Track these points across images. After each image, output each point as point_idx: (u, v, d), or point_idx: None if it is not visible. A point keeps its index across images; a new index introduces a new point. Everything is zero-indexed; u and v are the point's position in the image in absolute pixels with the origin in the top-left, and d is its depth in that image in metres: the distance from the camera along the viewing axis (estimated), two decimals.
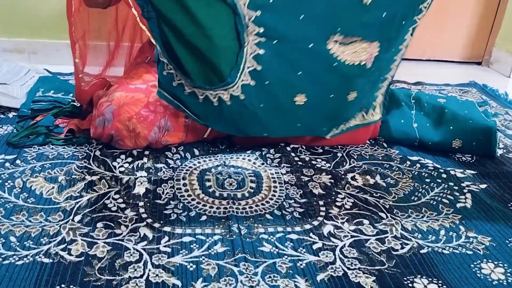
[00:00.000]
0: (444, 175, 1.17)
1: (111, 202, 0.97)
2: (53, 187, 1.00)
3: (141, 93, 1.14)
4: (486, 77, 2.12)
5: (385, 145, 1.32)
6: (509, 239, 0.95)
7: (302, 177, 1.12)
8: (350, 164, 1.21)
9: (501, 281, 0.83)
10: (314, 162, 1.20)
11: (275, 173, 1.13)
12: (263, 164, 1.17)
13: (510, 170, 1.22)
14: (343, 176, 1.14)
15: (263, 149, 1.24)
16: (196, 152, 1.20)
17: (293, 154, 1.23)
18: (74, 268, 0.78)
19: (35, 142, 1.17)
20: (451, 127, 1.28)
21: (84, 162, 1.11)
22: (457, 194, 1.10)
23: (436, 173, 1.18)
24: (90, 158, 1.13)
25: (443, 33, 2.28)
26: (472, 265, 0.87)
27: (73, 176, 1.05)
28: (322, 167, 1.18)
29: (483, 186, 1.14)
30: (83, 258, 0.81)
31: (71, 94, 1.39)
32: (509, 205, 1.07)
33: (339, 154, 1.25)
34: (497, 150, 1.29)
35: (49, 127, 1.20)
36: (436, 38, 2.28)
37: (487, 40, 2.31)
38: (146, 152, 1.17)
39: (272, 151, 1.23)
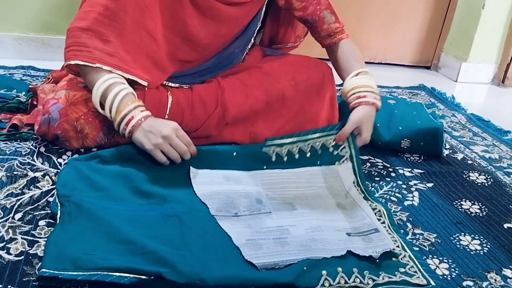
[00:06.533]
0: (393, 174, 1.20)
1: (54, 199, 0.93)
2: None
3: (90, 92, 1.09)
4: (434, 81, 2.19)
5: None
6: (454, 236, 0.98)
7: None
8: None
9: (445, 276, 0.85)
10: None
11: None
12: None
13: (456, 169, 1.26)
14: None
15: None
16: None
17: None
18: (12, 268, 0.74)
19: None
20: (400, 128, 1.31)
21: (27, 158, 1.06)
22: (405, 192, 1.12)
23: (385, 171, 1.20)
24: (34, 154, 1.08)
25: (394, 38, 2.34)
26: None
27: (15, 173, 1.00)
28: None
29: (430, 184, 1.17)
30: (22, 257, 0.77)
31: (14, 90, 1.33)
32: (454, 203, 1.10)
33: None
34: (444, 151, 1.33)
35: None
36: (387, 43, 2.34)
37: (435, 45, 2.40)
38: (95, 149, 1.13)
39: None
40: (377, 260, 0.82)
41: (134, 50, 1.06)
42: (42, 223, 0.86)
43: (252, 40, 1.29)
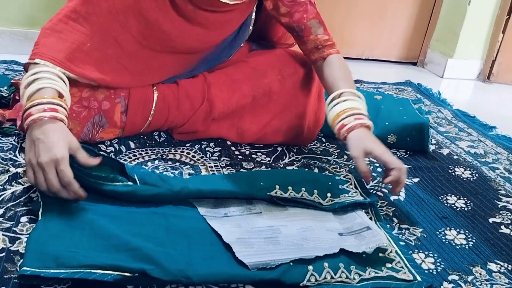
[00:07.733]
0: (379, 169, 1.20)
1: (37, 196, 0.91)
2: None
3: (74, 87, 1.07)
4: (421, 77, 2.20)
5: (323, 139, 1.33)
6: (439, 230, 0.98)
7: (242, 170, 1.11)
8: (289, 158, 1.21)
9: (431, 270, 0.85)
10: (254, 156, 1.19)
11: (214, 166, 1.12)
12: (202, 157, 1.15)
13: (442, 164, 1.27)
14: None
15: (202, 142, 1.22)
16: (132, 145, 1.16)
17: (233, 148, 1.21)
18: None
19: None
20: (386, 123, 1.32)
21: (9, 154, 1.04)
22: (391, 187, 1.12)
23: (371, 167, 1.20)
24: (16, 149, 1.06)
25: (381, 34, 2.35)
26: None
27: None
28: (262, 161, 1.17)
29: (416, 179, 1.17)
30: (4, 254, 0.75)
31: None
32: (440, 198, 1.11)
33: (279, 148, 1.25)
34: (430, 146, 1.34)
35: None
36: (375, 39, 2.35)
37: (422, 42, 2.41)
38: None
39: (212, 144, 1.21)
40: (364, 256, 0.82)
41: (101, 54, 1.02)
42: (24, 219, 0.84)
43: (242, 44, 1.28)
